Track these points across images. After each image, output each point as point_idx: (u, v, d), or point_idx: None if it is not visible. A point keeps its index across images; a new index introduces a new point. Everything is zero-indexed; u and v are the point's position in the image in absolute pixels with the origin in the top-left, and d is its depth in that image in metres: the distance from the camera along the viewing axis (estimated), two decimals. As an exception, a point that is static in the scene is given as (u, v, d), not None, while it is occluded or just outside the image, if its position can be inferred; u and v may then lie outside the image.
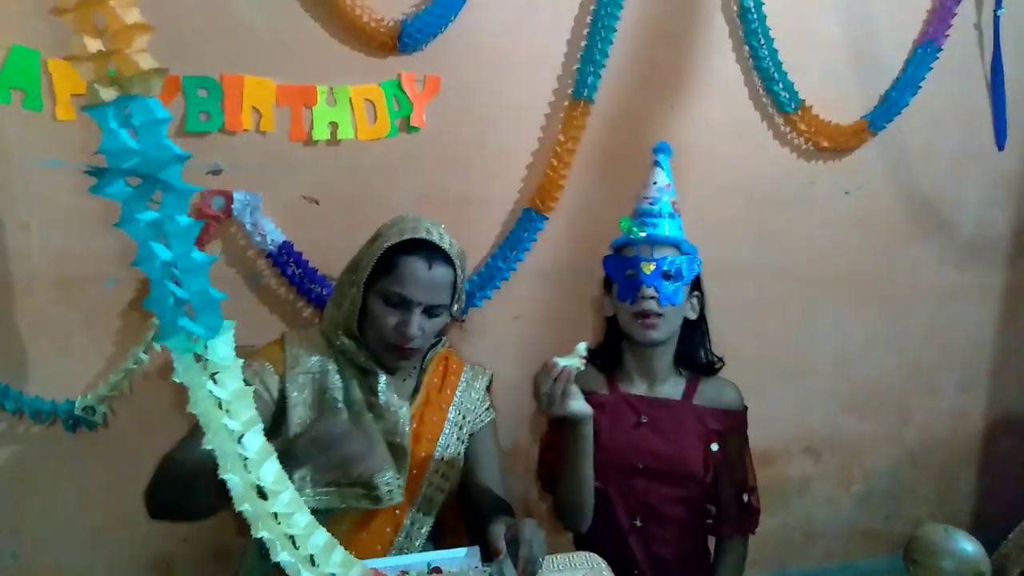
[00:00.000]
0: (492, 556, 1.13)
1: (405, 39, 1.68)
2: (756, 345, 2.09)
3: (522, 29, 1.80)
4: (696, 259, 1.53)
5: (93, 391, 1.66)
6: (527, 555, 1.09)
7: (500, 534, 1.13)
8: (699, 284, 1.57)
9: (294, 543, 0.85)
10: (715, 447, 1.48)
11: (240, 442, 0.79)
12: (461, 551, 1.19)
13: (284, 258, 1.72)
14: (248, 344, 1.31)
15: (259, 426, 0.81)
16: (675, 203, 1.58)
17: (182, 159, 0.64)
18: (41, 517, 1.72)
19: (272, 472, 0.81)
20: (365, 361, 1.34)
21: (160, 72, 0.62)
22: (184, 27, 1.59)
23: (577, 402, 1.29)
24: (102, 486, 1.70)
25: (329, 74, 1.69)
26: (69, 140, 1.56)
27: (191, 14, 1.60)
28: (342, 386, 1.34)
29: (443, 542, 1.46)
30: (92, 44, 0.61)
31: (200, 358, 0.75)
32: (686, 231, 1.61)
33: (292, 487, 0.84)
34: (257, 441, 0.80)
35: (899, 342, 2.28)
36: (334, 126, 1.71)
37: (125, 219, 0.66)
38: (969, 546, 0.87)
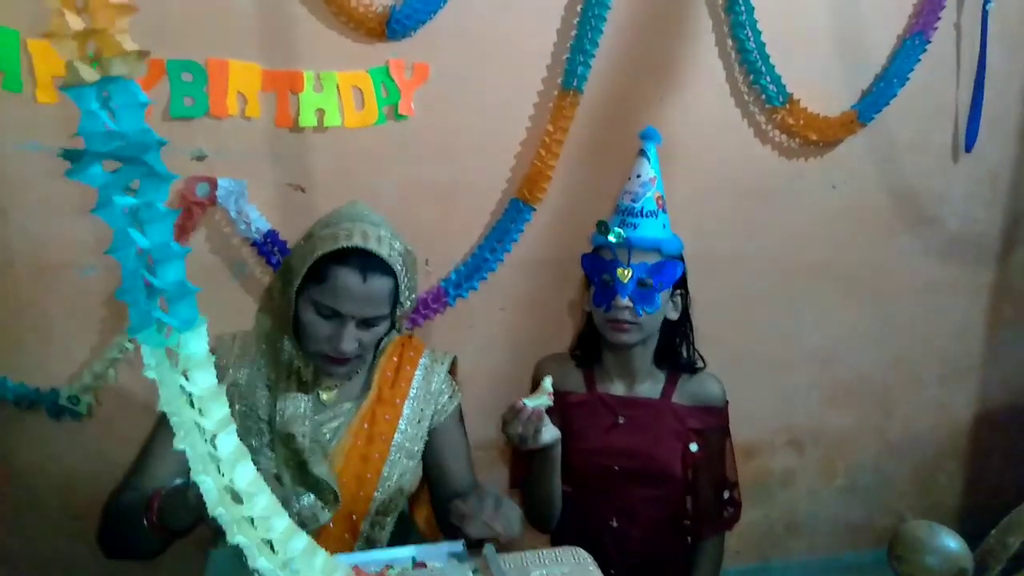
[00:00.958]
0: (458, 521, 1.11)
1: (394, 25, 1.66)
2: (740, 337, 2.09)
3: (512, 18, 1.78)
4: (678, 262, 1.47)
5: (78, 380, 1.64)
6: (490, 507, 1.08)
7: (460, 504, 1.12)
8: (684, 282, 1.52)
9: (272, 548, 0.81)
10: (694, 447, 1.45)
11: (213, 443, 0.75)
12: (445, 545, 1.18)
13: (269, 246, 1.70)
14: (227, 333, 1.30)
15: (232, 426, 0.77)
16: (660, 198, 1.50)
17: (162, 144, 0.62)
18: (24, 505, 1.70)
19: (247, 475, 0.77)
20: (304, 371, 1.25)
21: (143, 54, 0.60)
22: (168, 10, 1.57)
23: (547, 433, 1.27)
24: (87, 474, 1.68)
25: (316, 60, 1.67)
26: (49, 123, 1.53)
27: (175, -4, 1.57)
28: (267, 404, 1.25)
29: (412, 537, 1.44)
30: (74, 21, 0.59)
31: (172, 353, 0.72)
32: (672, 224, 1.57)
33: (268, 490, 0.80)
34: (231, 442, 0.76)
35: (883, 335, 2.28)
36: (321, 113, 1.69)
37: (101, 204, 0.64)
38: (952, 542, 0.88)
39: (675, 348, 1.52)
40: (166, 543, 1.07)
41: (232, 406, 1.21)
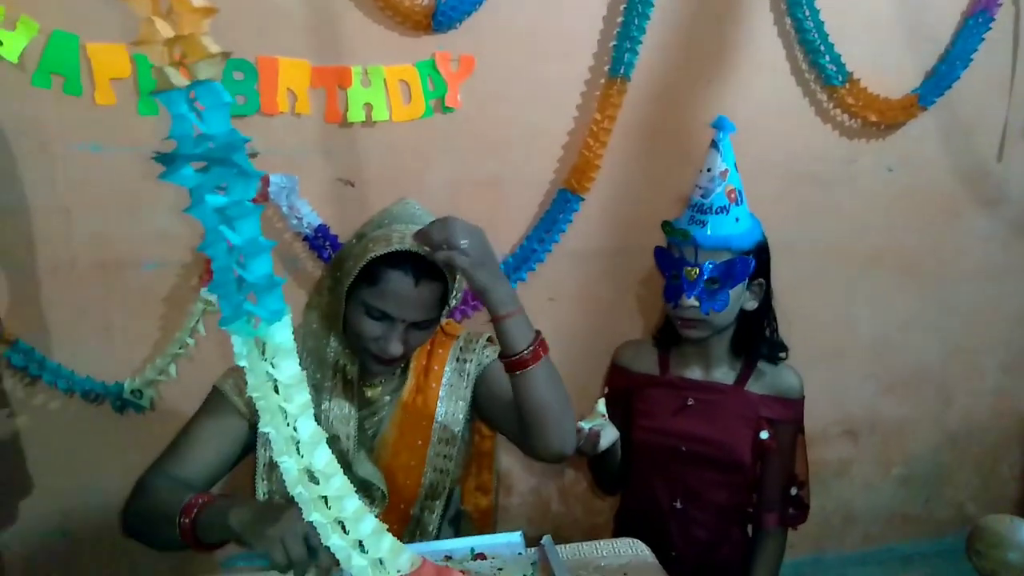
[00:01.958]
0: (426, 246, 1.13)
1: (439, 17, 1.66)
2: (794, 325, 2.05)
3: (557, 6, 1.76)
4: (749, 258, 1.42)
5: (140, 374, 1.68)
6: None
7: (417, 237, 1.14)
8: (765, 271, 1.48)
9: (344, 528, 0.84)
10: (765, 435, 1.44)
11: (294, 427, 0.78)
12: (504, 536, 1.19)
13: (320, 241, 1.72)
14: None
15: (311, 411, 0.80)
16: (733, 191, 1.44)
17: (247, 142, 0.64)
18: (90, 497, 1.75)
19: (324, 457, 0.81)
20: (350, 369, 1.26)
21: (225, 55, 0.61)
22: (219, 9, 1.59)
23: (605, 438, 1.34)
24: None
25: (363, 55, 1.68)
26: (108, 125, 1.57)
27: (225, -4, 1.59)
28: (312, 404, 1.25)
29: (461, 522, 1.45)
30: (163, 28, 0.60)
31: (259, 342, 0.75)
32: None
33: (342, 472, 0.83)
34: (310, 426, 0.80)
35: (941, 322, 2.23)
36: (369, 107, 1.70)
37: (195, 204, 0.66)
38: (1035, 537, 0.85)
39: (753, 337, 1.49)
40: (187, 547, 1.06)
41: None
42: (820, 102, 1.97)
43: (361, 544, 0.86)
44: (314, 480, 0.81)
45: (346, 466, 1.22)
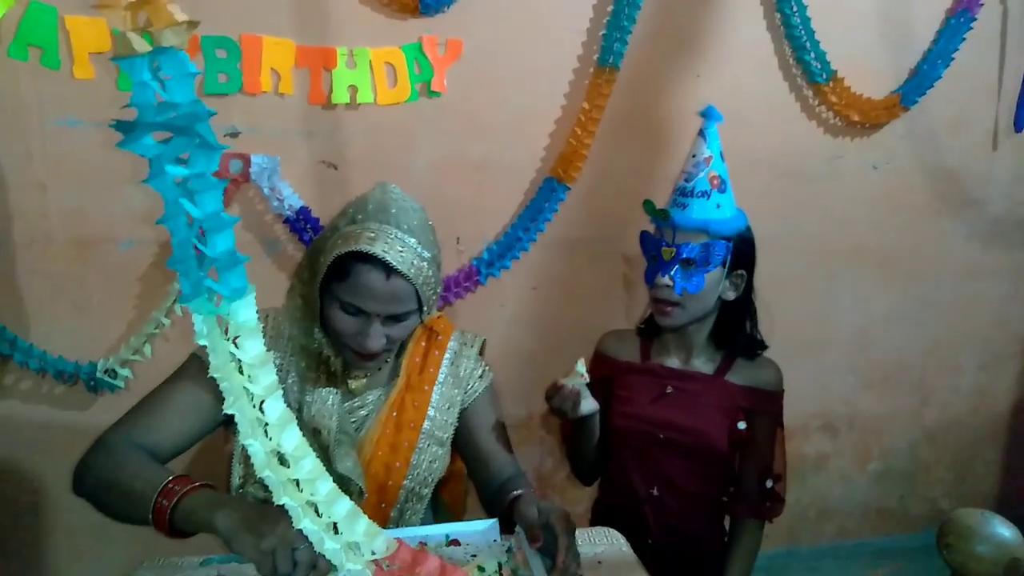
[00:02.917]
0: (531, 541, 1.05)
1: (427, 1, 1.64)
2: (775, 320, 2.06)
3: (547, -8, 1.75)
4: (726, 243, 1.41)
5: (114, 354, 1.66)
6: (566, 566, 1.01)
7: (534, 520, 1.05)
8: (746, 263, 1.47)
9: (317, 511, 0.83)
10: (742, 425, 1.45)
11: (260, 408, 0.76)
12: (480, 523, 1.18)
13: (301, 223, 1.71)
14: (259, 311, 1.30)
15: (279, 392, 0.78)
16: (716, 178, 1.45)
17: (211, 115, 0.62)
18: (61, 477, 1.73)
19: (293, 439, 0.79)
20: (334, 362, 1.22)
21: (192, 25, 0.59)
22: None
23: (585, 406, 1.36)
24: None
25: (349, 36, 1.66)
26: (87, 99, 1.54)
27: (210, -29, 1.57)
28: (297, 392, 1.22)
29: (439, 516, 1.44)
30: None
31: (222, 321, 0.73)
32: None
33: (313, 454, 0.82)
34: (278, 407, 0.77)
35: (921, 319, 2.24)
36: (353, 89, 1.68)
37: (153, 175, 0.63)
38: (1005, 531, 0.85)
39: (733, 329, 1.50)
40: (148, 525, 1.01)
41: None
42: (806, 98, 1.98)
43: (336, 527, 0.84)
44: (284, 463, 0.79)
45: (326, 461, 1.17)
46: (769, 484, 1.50)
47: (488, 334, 1.45)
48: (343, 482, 1.20)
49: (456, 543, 1.15)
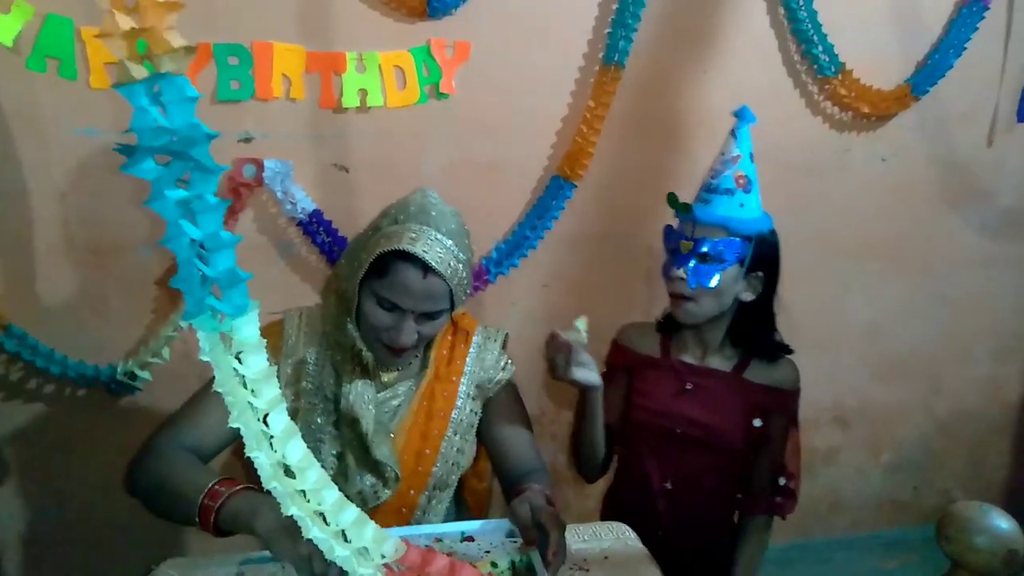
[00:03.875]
0: (525, 541, 1.11)
1: (435, 3, 1.66)
2: (785, 313, 2.07)
3: (552, -7, 1.77)
4: (745, 242, 1.41)
5: (133, 357, 1.70)
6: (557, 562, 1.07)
7: (527, 519, 1.11)
8: (767, 264, 1.46)
9: (324, 520, 0.85)
10: (758, 422, 1.46)
11: (264, 421, 0.78)
12: (494, 523, 1.21)
13: (314, 226, 1.73)
14: (275, 312, 1.33)
15: (283, 405, 0.80)
16: (742, 177, 1.44)
17: (211, 137, 0.64)
18: (82, 477, 1.78)
19: (298, 450, 0.81)
20: (366, 355, 1.26)
21: (191, 50, 0.61)
22: (184, 4, 1.58)
23: (581, 371, 1.31)
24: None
25: (358, 40, 1.68)
26: (104, 109, 1.58)
27: (220, -20, 1.59)
28: (334, 384, 1.28)
29: (463, 513, 1.47)
30: (123, 21, 0.60)
31: (226, 337, 0.75)
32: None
33: (318, 464, 0.84)
34: (282, 420, 0.79)
35: (933, 311, 2.24)
36: (363, 93, 1.70)
37: (154, 197, 0.66)
38: (1004, 523, 0.86)
39: (750, 331, 1.50)
40: (194, 525, 1.07)
41: (299, 383, 1.27)
42: (812, 92, 1.98)
43: (344, 534, 0.86)
44: (290, 474, 0.81)
45: (364, 448, 1.26)
46: (782, 481, 1.51)
47: (502, 331, 1.47)
48: (380, 468, 1.26)
49: (471, 539, 1.18)
